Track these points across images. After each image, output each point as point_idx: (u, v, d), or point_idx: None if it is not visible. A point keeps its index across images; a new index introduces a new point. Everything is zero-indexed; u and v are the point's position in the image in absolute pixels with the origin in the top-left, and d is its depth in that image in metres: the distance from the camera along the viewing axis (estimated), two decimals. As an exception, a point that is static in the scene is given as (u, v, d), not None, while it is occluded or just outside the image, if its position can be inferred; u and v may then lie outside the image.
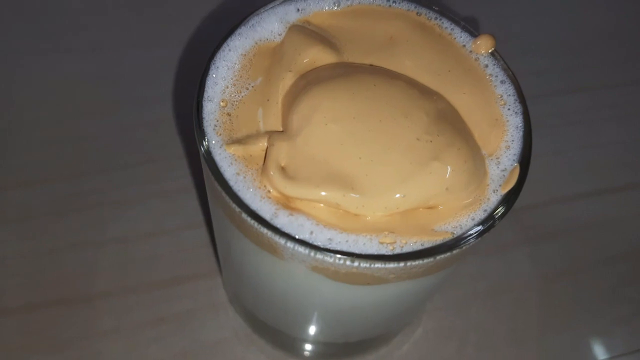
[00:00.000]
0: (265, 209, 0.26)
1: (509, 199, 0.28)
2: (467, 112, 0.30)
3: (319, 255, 0.26)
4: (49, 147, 0.50)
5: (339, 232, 0.26)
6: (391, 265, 0.26)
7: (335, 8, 0.34)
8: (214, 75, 0.30)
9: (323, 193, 0.27)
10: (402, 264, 0.26)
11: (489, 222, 0.27)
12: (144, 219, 0.47)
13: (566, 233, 0.50)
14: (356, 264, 0.26)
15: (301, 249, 0.26)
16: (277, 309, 0.36)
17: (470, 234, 0.27)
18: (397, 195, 0.27)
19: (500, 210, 0.28)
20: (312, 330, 0.38)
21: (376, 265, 0.26)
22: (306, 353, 0.42)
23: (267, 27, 0.32)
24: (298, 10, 0.33)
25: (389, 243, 0.26)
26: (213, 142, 0.28)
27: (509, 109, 0.31)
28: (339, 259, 0.26)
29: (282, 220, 0.26)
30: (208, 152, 0.28)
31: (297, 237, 0.26)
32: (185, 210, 0.47)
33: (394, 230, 0.26)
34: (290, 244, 0.26)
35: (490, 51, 0.33)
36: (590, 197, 0.52)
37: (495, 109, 0.31)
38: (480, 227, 0.27)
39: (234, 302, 0.43)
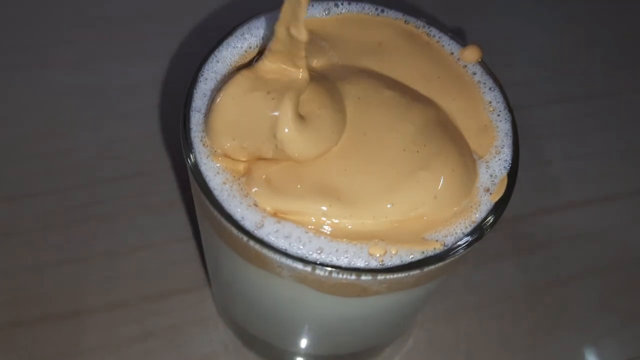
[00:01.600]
0: (251, 219, 0.26)
1: (498, 207, 0.28)
2: (456, 118, 0.31)
3: (308, 268, 0.25)
4: (33, 162, 0.49)
5: (329, 240, 0.26)
6: (381, 277, 0.26)
7: (325, 15, 0.34)
8: (203, 86, 0.30)
9: (308, 205, 0.26)
10: (391, 276, 0.26)
11: (479, 230, 0.27)
12: (131, 233, 0.46)
13: (554, 243, 0.50)
14: (345, 276, 0.26)
15: (288, 261, 0.26)
16: (267, 322, 0.36)
17: (460, 244, 0.27)
18: (385, 205, 0.27)
19: (490, 218, 0.28)
20: (302, 343, 0.37)
21: (366, 277, 0.26)
22: (297, 366, 0.42)
23: (258, 34, 0.32)
24: None
25: (379, 253, 0.26)
26: (200, 152, 0.28)
27: (498, 115, 0.31)
28: (328, 271, 0.25)
29: (269, 229, 0.26)
30: (195, 163, 0.28)
31: (285, 248, 0.26)
32: (172, 223, 0.47)
33: (383, 238, 0.26)
34: (277, 256, 0.26)
35: (477, 61, 0.33)
36: (577, 208, 0.52)
37: (484, 115, 0.31)
38: (469, 238, 0.27)
39: (224, 315, 0.42)
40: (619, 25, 0.68)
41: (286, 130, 0.26)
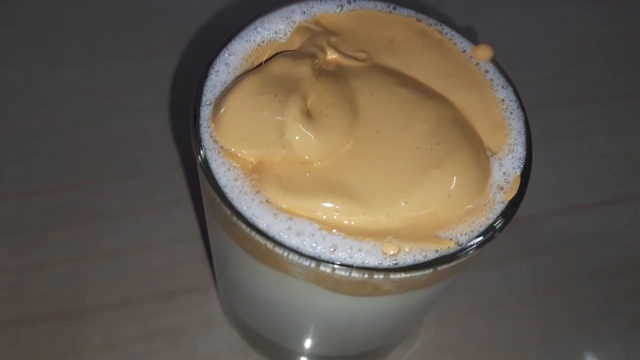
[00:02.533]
0: (263, 216, 0.26)
1: (512, 205, 0.28)
2: (469, 115, 0.30)
3: (322, 266, 0.25)
4: (39, 159, 0.49)
5: (342, 237, 0.25)
6: (394, 275, 0.26)
7: (338, 11, 0.34)
8: (214, 78, 0.30)
9: (321, 202, 0.26)
10: (405, 275, 0.26)
11: (492, 228, 0.27)
12: (137, 232, 0.46)
13: (560, 246, 0.50)
14: (359, 275, 0.25)
15: (301, 260, 0.25)
16: (275, 321, 0.35)
17: (474, 242, 0.27)
18: (398, 203, 0.27)
19: (504, 217, 0.27)
20: (309, 342, 0.37)
21: (378, 276, 0.25)
22: (302, 367, 0.41)
23: (272, 28, 0.32)
24: (304, 12, 0.33)
25: (393, 251, 0.25)
26: (210, 148, 0.28)
27: (511, 113, 0.31)
28: (343, 270, 0.25)
29: (281, 227, 0.26)
30: (204, 159, 0.27)
31: (297, 246, 0.25)
32: (178, 222, 0.47)
33: (397, 235, 0.26)
34: (289, 254, 0.25)
35: (489, 60, 0.33)
36: (583, 210, 0.52)
37: (497, 113, 0.31)
38: (483, 236, 0.27)
39: (229, 315, 0.42)
40: (622, 28, 0.68)
41: (294, 133, 0.26)
